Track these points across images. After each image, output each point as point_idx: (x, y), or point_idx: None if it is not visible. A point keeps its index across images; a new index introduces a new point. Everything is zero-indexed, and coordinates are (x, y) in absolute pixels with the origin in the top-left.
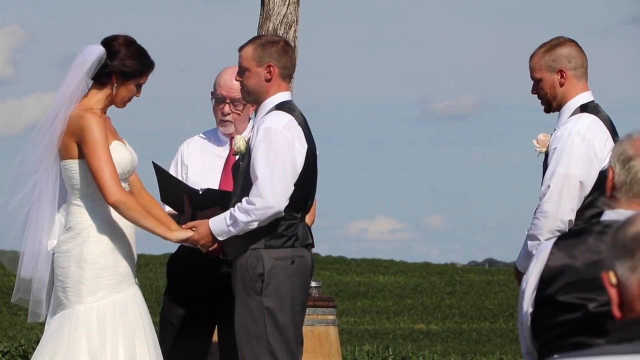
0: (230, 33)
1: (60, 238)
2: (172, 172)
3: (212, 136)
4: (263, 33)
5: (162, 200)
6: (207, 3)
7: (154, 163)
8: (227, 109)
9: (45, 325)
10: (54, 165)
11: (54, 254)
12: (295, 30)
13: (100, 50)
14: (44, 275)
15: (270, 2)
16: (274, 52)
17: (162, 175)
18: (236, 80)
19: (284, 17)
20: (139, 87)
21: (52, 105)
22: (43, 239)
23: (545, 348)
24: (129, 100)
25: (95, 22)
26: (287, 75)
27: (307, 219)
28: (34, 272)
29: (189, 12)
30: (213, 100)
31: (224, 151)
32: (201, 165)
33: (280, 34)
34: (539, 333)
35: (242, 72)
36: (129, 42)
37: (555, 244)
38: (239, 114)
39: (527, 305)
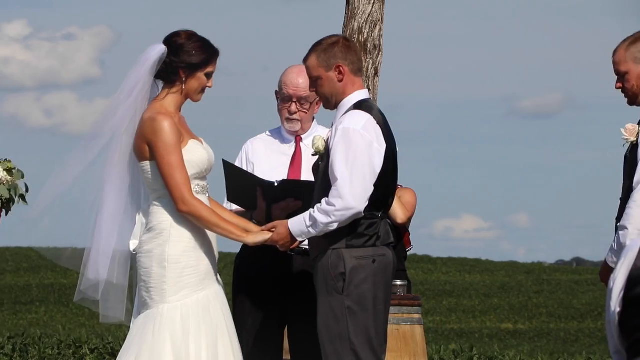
0: (314, 32)
1: (142, 238)
2: None
3: (277, 135)
4: (348, 32)
5: (229, 199)
6: (292, 2)
7: (224, 160)
8: (294, 107)
9: (131, 325)
10: (124, 165)
11: (136, 254)
12: (380, 29)
13: (161, 48)
14: (102, 273)
15: (356, 0)
16: (338, 51)
17: (233, 172)
18: (311, 91)
19: (369, 15)
20: (208, 76)
21: (112, 103)
22: (102, 240)
23: (634, 347)
24: (202, 91)
25: (179, 21)
26: (357, 69)
27: (404, 215)
28: (99, 273)
29: (273, 11)
30: (278, 99)
31: (290, 149)
32: (268, 163)
33: (366, 33)
34: (627, 332)
35: (314, 82)
36: (190, 35)
37: None
38: (305, 113)
39: (615, 304)
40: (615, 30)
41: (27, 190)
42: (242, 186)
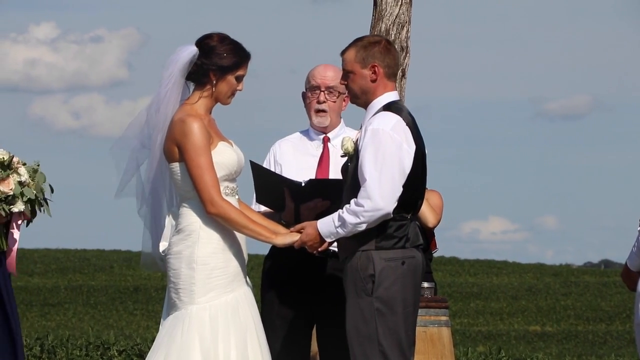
0: (341, 34)
1: (171, 240)
2: None
3: (305, 136)
4: (375, 33)
5: (257, 201)
6: (319, 4)
7: (251, 162)
8: (322, 97)
9: (160, 326)
10: (155, 165)
11: (165, 256)
12: (407, 31)
13: (192, 49)
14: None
15: (383, 2)
16: (377, 52)
17: (260, 173)
18: (341, 84)
19: (396, 17)
20: (238, 79)
21: (149, 104)
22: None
23: None
24: (232, 94)
25: (207, 23)
26: (392, 74)
27: (434, 219)
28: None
29: (300, 13)
30: (308, 93)
31: (317, 150)
32: (295, 164)
33: (393, 35)
34: None
35: (346, 75)
36: (223, 37)
37: None
38: (334, 102)
39: None
40: None
41: (52, 191)
42: (269, 187)
